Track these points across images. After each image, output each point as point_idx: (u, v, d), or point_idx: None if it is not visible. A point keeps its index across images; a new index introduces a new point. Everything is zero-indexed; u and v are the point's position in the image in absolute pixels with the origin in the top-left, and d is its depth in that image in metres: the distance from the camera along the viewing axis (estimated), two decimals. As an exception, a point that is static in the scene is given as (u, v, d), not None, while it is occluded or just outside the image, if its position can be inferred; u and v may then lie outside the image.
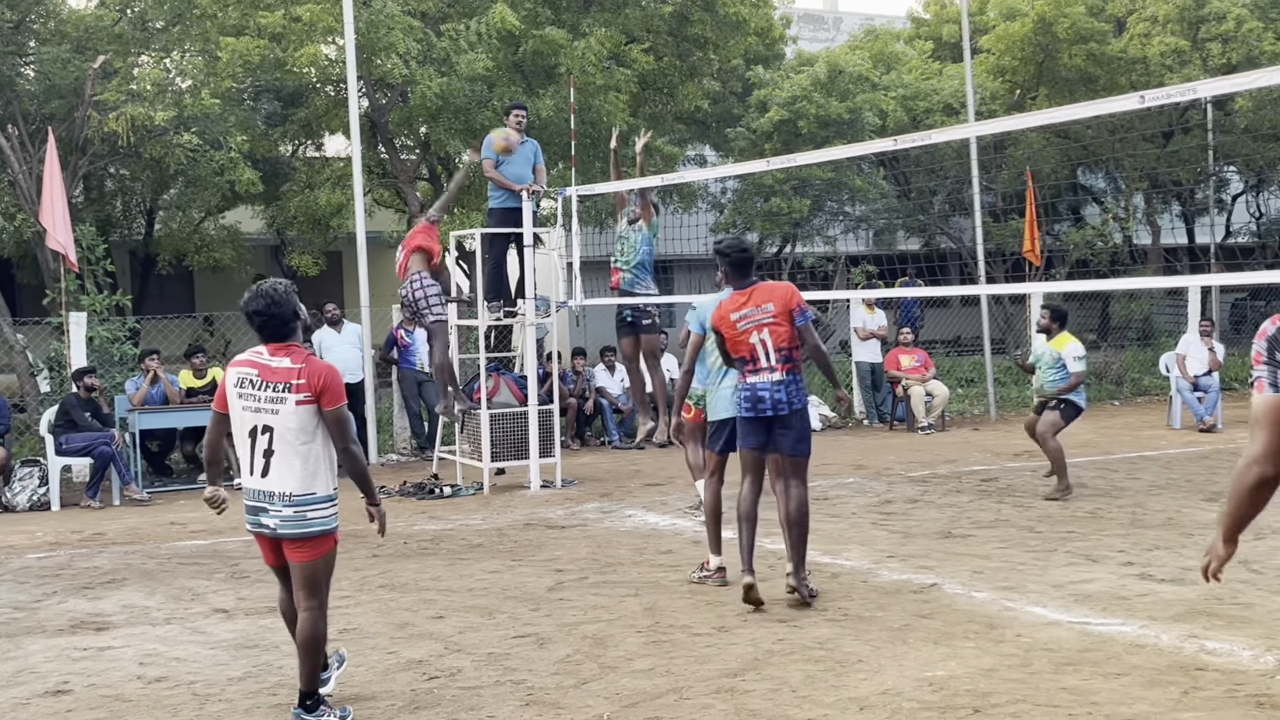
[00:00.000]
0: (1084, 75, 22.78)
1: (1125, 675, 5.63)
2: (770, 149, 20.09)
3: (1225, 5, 22.77)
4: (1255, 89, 21.98)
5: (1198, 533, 8.92)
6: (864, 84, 21.44)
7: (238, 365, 5.34)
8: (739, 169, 16.62)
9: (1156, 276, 22.53)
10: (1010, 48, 22.87)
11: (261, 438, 5.23)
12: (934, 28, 26.68)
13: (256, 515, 5.33)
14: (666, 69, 19.12)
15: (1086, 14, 22.34)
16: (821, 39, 29.53)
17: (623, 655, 6.23)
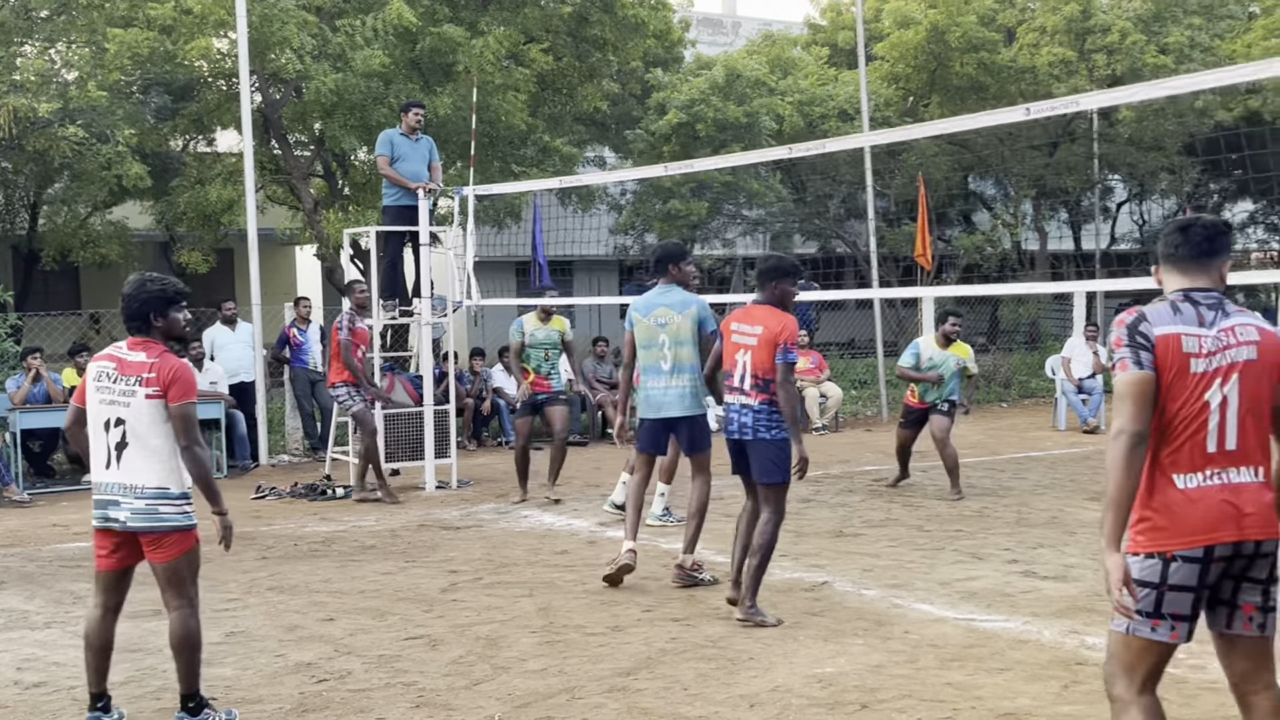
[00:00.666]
0: (975, 83, 23.27)
1: (1008, 670, 5.76)
2: (669, 151, 20.21)
3: (1110, 18, 23.44)
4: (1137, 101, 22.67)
5: (1080, 531, 9.16)
6: (761, 88, 21.65)
7: (99, 359, 5.32)
8: (637, 173, 16.70)
9: (1044, 282, 23.08)
10: (904, 55, 23.28)
11: (114, 430, 5.18)
12: (830, 34, 27.03)
13: (105, 509, 5.22)
14: (566, 69, 19.11)
15: (978, 23, 22.82)
16: (720, 43, 29.76)
17: (515, 656, 6.22)
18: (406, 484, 12.25)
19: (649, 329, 7.72)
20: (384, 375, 12.19)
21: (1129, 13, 23.78)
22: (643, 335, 7.75)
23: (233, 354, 14.54)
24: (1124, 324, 3.83)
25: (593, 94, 19.44)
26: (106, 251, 18.54)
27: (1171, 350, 3.76)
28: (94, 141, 15.09)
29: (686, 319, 7.66)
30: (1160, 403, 3.77)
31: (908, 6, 23.39)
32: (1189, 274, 3.89)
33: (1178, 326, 3.77)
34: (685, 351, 7.65)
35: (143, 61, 15.47)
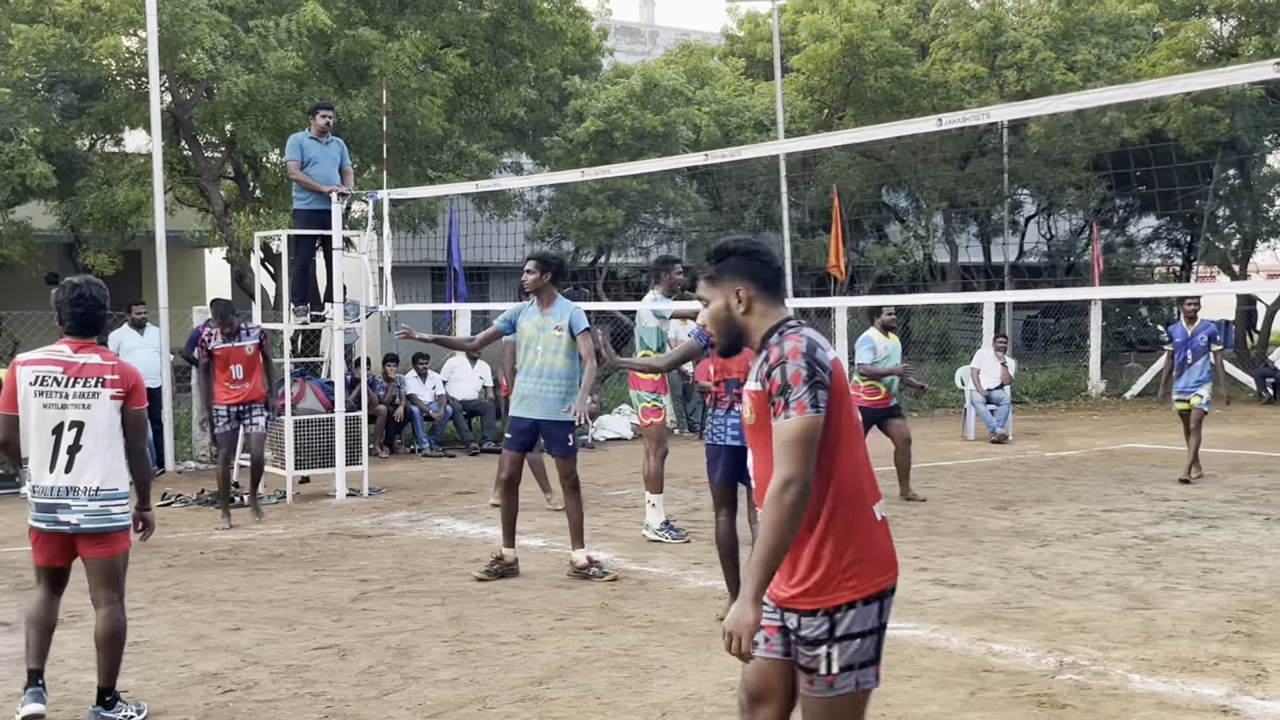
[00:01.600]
0: (889, 97, 23.58)
1: (917, 677, 5.83)
2: (586, 158, 20.20)
3: (1021, 35, 23.90)
4: (1047, 117, 23.13)
5: (988, 539, 9.30)
6: (678, 98, 21.74)
7: (34, 364, 5.29)
8: (555, 178, 16.68)
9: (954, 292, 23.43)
10: (819, 68, 23.52)
11: (68, 433, 5.21)
12: (747, 45, 27.25)
13: (54, 512, 5.25)
14: (483, 75, 19.03)
15: (892, 38, 23.14)
16: (638, 52, 29.85)
17: (427, 665, 6.16)
18: (317, 491, 12.09)
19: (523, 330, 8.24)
20: (294, 381, 12.01)
21: (1038, 30, 24.27)
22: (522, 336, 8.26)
23: (140, 358, 14.20)
24: (800, 353, 3.31)
25: (510, 100, 19.37)
26: (9, 252, 18.07)
27: (836, 374, 3.38)
28: (-4, 139, 14.72)
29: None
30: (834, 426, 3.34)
31: (823, 20, 23.63)
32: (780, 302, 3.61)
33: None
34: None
35: (48, 58, 15.11)
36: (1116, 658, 6.09)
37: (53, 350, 5.33)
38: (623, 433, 17.25)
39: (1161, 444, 15.58)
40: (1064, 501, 11.14)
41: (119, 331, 14.39)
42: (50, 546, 5.34)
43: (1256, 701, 5.38)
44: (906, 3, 24.92)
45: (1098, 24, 24.65)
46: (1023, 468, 13.53)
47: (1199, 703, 5.38)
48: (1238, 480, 12.31)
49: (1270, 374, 22.40)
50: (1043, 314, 31.23)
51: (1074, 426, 18.21)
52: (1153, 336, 30.88)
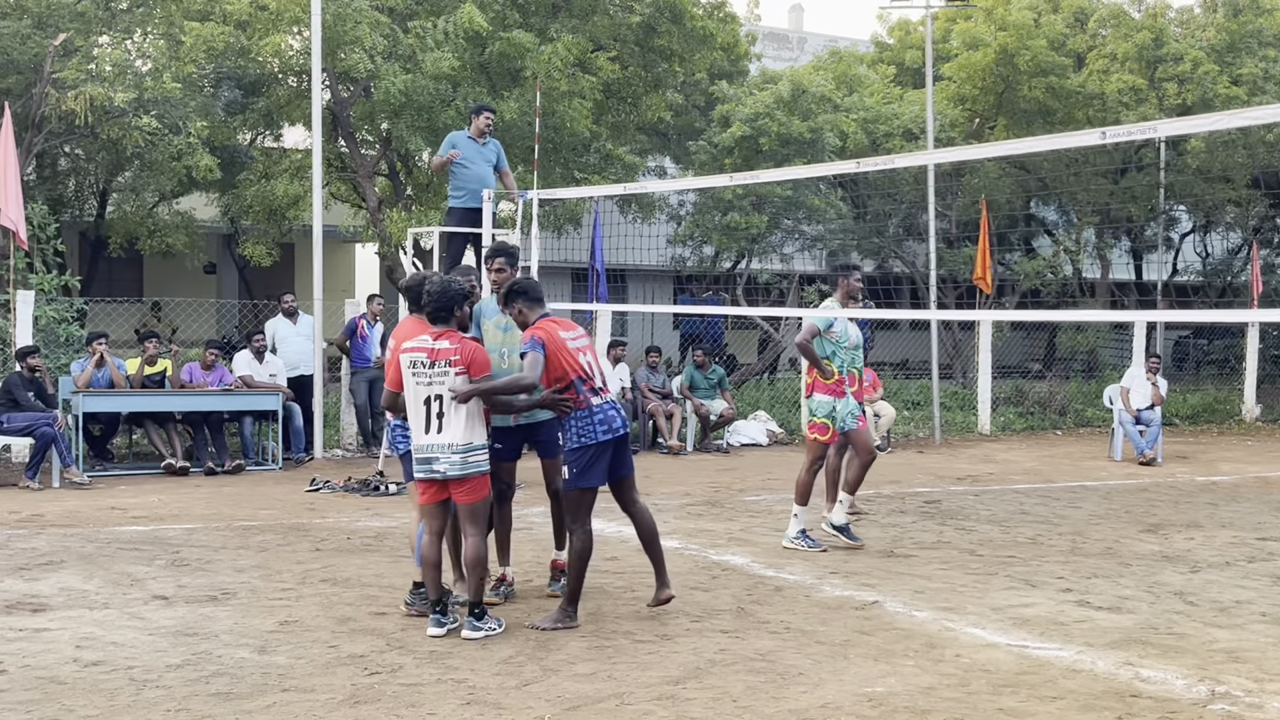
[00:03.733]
0: (1042, 108, 23.08)
1: (1061, 699, 5.71)
2: (731, 164, 20.19)
3: (1183, 47, 23.18)
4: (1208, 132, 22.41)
5: (1135, 563, 9.06)
6: (826, 104, 21.59)
7: (409, 351, 6.73)
8: (701, 182, 16.72)
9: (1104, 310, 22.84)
10: (971, 77, 23.14)
11: (435, 404, 6.63)
12: (897, 53, 26.93)
13: (429, 464, 6.66)
14: (631, 78, 19.19)
15: (1048, 48, 22.64)
16: (785, 58, 29.73)
17: (565, 659, 6.24)
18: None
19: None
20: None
21: (1202, 42, 23.51)
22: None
23: (293, 347, 14.69)
24: None
25: (657, 104, 19.49)
26: (172, 241, 18.83)
27: None
28: (166, 132, 15.34)
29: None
30: None
31: (977, 28, 23.25)
32: None
33: None
34: None
35: (217, 55, 15.71)
36: (1272, 690, 5.88)
37: (421, 339, 6.73)
38: (758, 439, 17.21)
39: (1321, 473, 14.99)
40: (1215, 528, 10.79)
41: (274, 321, 14.88)
42: (429, 490, 6.72)
43: None
44: (1064, 12, 24.37)
45: (1265, 36, 23.80)
46: (1172, 491, 13.14)
47: (1361, 742, 5.18)
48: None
49: None
50: (1195, 334, 30.28)
51: (1226, 451, 17.61)
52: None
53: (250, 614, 7.03)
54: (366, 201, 17.80)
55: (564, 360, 6.85)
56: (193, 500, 11.38)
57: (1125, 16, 24.07)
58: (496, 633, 6.66)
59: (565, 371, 6.85)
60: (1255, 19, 23.88)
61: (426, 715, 5.37)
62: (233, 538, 9.46)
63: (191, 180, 17.28)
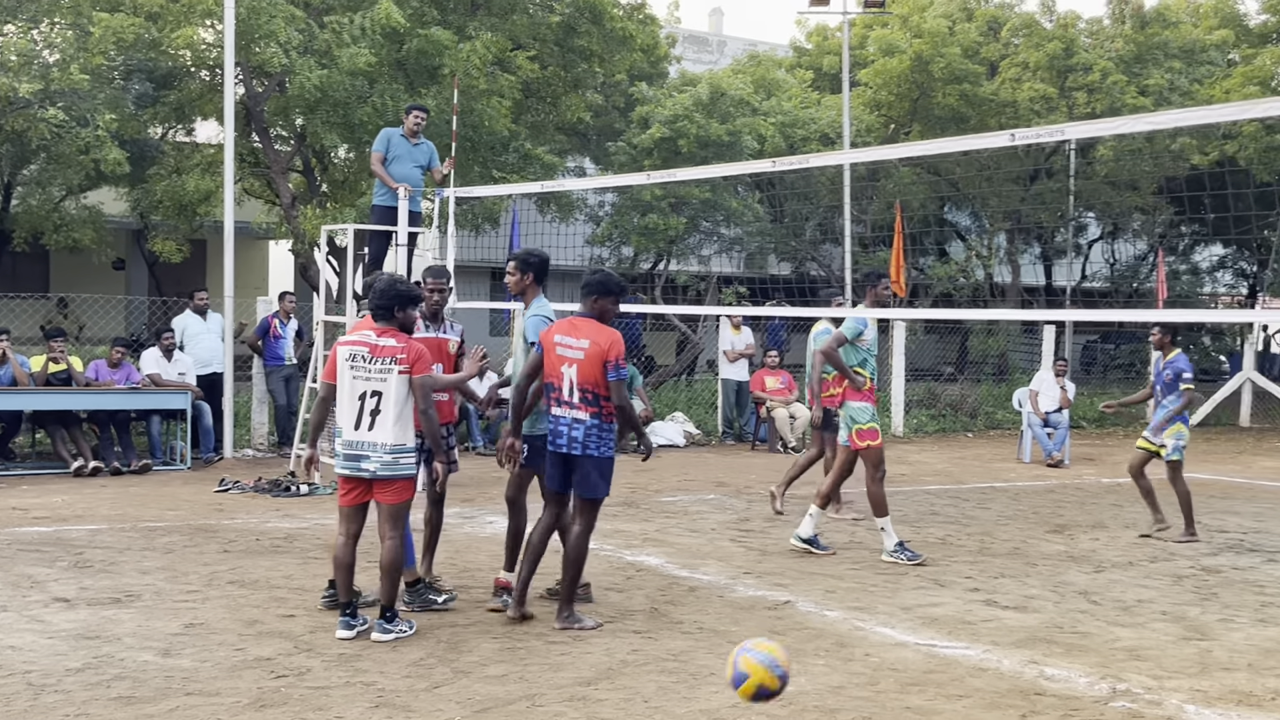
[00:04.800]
0: (956, 114, 23.44)
1: (967, 697, 5.79)
2: (650, 165, 20.24)
3: (1092, 57, 23.67)
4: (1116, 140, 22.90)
5: (1041, 562, 9.21)
6: (744, 108, 21.73)
7: (348, 344, 6.66)
8: (619, 180, 16.73)
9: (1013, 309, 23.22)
10: (887, 83, 23.43)
11: (370, 400, 6.54)
12: (815, 58, 27.19)
13: (357, 461, 6.57)
14: (551, 78, 19.14)
15: (962, 56, 23.01)
16: (705, 61, 29.87)
17: (477, 660, 6.20)
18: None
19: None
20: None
21: (1111, 53, 24.03)
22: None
23: (203, 344, 14.44)
24: None
25: (577, 104, 19.47)
26: (79, 236, 18.42)
27: None
28: (73, 125, 14.98)
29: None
30: None
31: (893, 35, 23.55)
32: None
33: None
34: None
35: (127, 47, 15.39)
36: (1171, 687, 6.01)
37: (363, 332, 6.68)
38: (675, 440, 17.24)
39: (1221, 474, 15.37)
40: (1120, 528, 11.02)
41: (183, 317, 14.61)
42: (352, 489, 6.64)
43: (1314, 739, 5.30)
44: (978, 20, 24.78)
45: (1171, 49, 24.40)
46: (1078, 493, 13.39)
47: (1255, 737, 5.31)
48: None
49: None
50: (1103, 339, 30.92)
51: (1131, 453, 17.95)
52: (1215, 366, 30.46)
53: (154, 616, 6.89)
54: (280, 198, 17.56)
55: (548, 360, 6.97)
56: (98, 501, 11.14)
57: (1037, 26, 24.54)
58: (407, 635, 6.59)
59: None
60: (1162, 31, 24.47)
61: (334, 718, 5.30)
62: (138, 539, 9.28)
63: (100, 174, 16.90)
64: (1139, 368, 25.89)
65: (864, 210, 23.96)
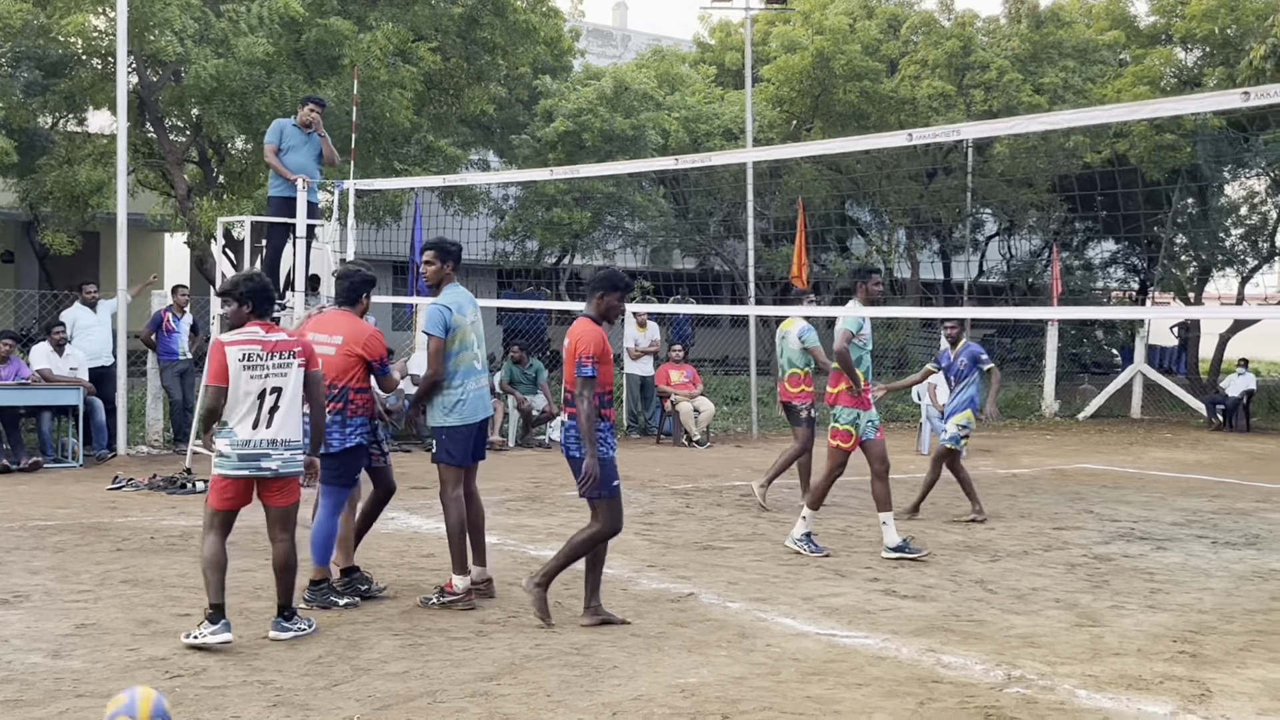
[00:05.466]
0: (857, 111, 23.71)
1: (867, 686, 5.86)
2: (554, 159, 20.20)
3: (989, 55, 24.10)
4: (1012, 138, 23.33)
5: (939, 552, 9.36)
6: (648, 102, 21.77)
7: (238, 344, 6.39)
8: (521, 175, 16.68)
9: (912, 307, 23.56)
10: (789, 79, 23.62)
11: (270, 397, 6.39)
12: (718, 54, 27.32)
13: (257, 460, 6.37)
14: (453, 70, 18.99)
15: (862, 53, 23.27)
16: (609, 55, 29.86)
17: (377, 658, 6.13)
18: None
19: (467, 330, 7.29)
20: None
21: (1007, 51, 24.48)
22: (463, 338, 7.26)
23: (94, 336, 14.09)
24: None
25: (480, 97, 19.35)
26: (-35, 228, 17.86)
27: None
28: (-43, 113, 14.53)
29: (479, 315, 7.47)
30: None
31: (795, 32, 23.75)
32: None
33: None
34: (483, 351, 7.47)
35: (14, 33, 14.96)
36: (1064, 673, 6.15)
37: (249, 331, 6.44)
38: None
39: (1113, 465, 15.76)
40: (1015, 518, 11.24)
41: (72, 310, 14.26)
42: (240, 491, 6.43)
43: (1199, 720, 5.46)
44: (878, 18, 25.10)
45: (1065, 48, 24.91)
46: (978, 484, 13.61)
47: (1144, 719, 5.45)
48: (1186, 504, 12.47)
49: (1220, 400, 22.68)
50: (1000, 333, 31.49)
51: (1027, 445, 18.38)
52: (1107, 359, 31.23)
53: (44, 617, 6.71)
54: (175, 189, 17.20)
55: None
56: (-16, 499, 10.82)
57: (936, 24, 24.92)
58: (306, 633, 6.50)
59: None
60: (1056, 31, 24.98)
61: (230, 718, 5.21)
62: (27, 538, 9.03)
63: (-14, 164, 16.40)
64: (1034, 361, 26.45)
65: (767, 206, 24.14)
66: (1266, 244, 27.43)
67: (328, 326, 7.32)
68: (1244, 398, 22.47)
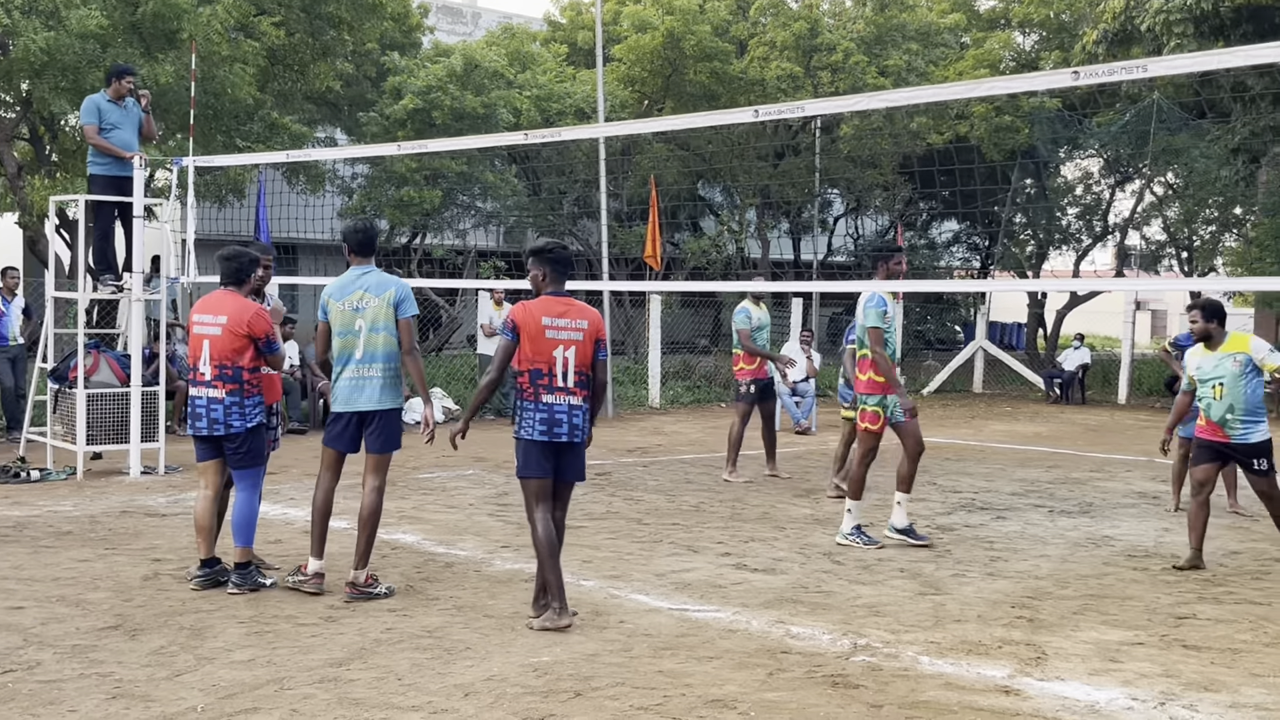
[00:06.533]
0: (708, 91, 23.89)
1: (718, 658, 5.93)
2: (404, 136, 19.90)
3: (836, 38, 24.50)
4: (858, 119, 23.75)
5: (789, 526, 9.53)
6: (499, 80, 21.60)
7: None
8: (366, 150, 16.40)
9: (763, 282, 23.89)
10: (641, 59, 23.68)
11: None
12: (569, 33, 27.25)
13: None
14: (298, 45, 18.55)
15: (712, 34, 23.44)
16: (459, 32, 29.54)
17: (221, 646, 5.99)
18: (109, 468, 11.63)
19: (344, 314, 7.14)
20: (89, 353, 11.51)
21: (853, 34, 24.92)
22: (338, 321, 7.14)
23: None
24: None
25: (325, 73, 18.94)
26: None
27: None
28: None
29: (384, 302, 7.10)
30: None
31: (645, 11, 23.80)
32: None
33: None
34: (386, 338, 7.09)
35: None
36: (907, 640, 6.31)
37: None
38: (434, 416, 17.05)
39: (956, 438, 16.23)
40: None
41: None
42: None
43: (1035, 682, 5.65)
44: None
45: (909, 31, 25.47)
46: (825, 458, 13.90)
47: (983, 683, 5.62)
48: (1025, 474, 12.91)
49: (1058, 375, 23.53)
50: (848, 311, 32.16)
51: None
52: (950, 336, 32.12)
53: None
54: (5, 167, 16.48)
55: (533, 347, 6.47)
56: None
57: (784, 6, 25.22)
58: None
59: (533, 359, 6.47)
60: (900, 14, 25.52)
61: (67, 712, 5.03)
62: None
63: None
64: (881, 338, 27.00)
65: (620, 186, 24.19)
66: (1100, 223, 28.52)
67: (213, 307, 7.21)
68: (1079, 372, 23.36)
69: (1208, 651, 6.21)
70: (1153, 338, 52.87)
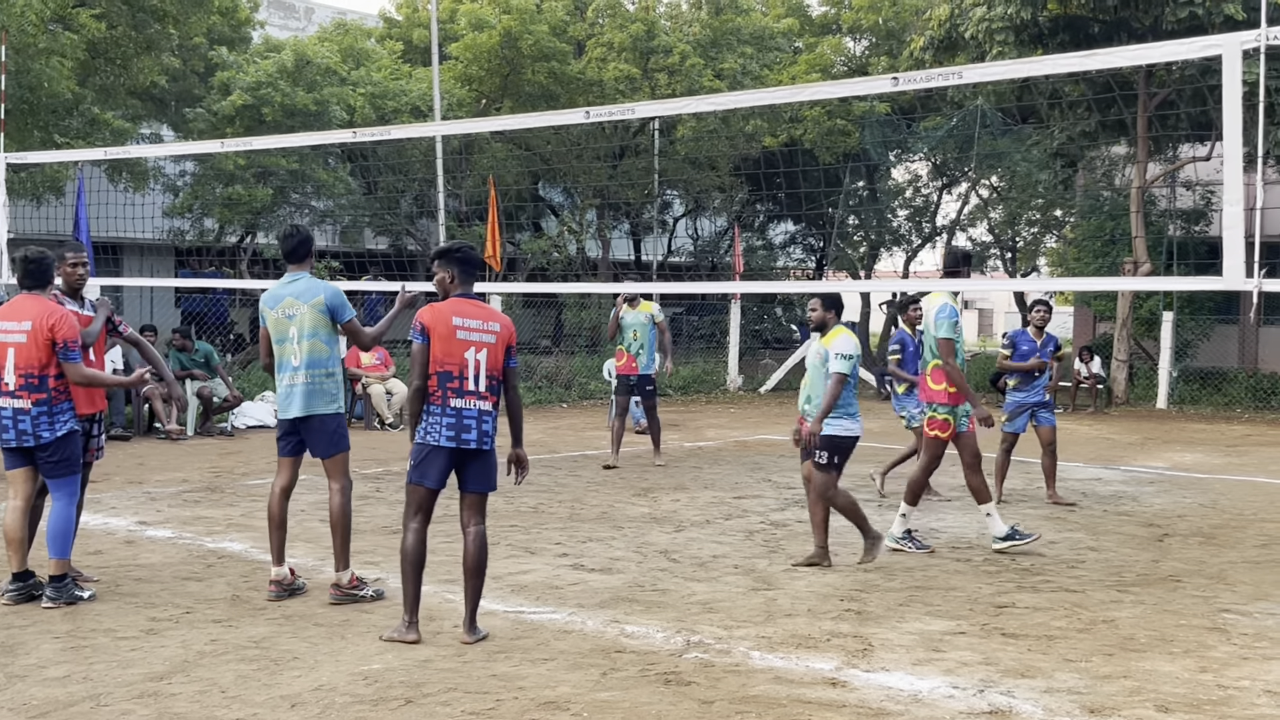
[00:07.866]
0: (546, 92, 23.86)
1: (552, 660, 5.92)
2: (233, 133, 19.40)
3: (672, 40, 24.73)
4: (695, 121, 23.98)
5: (627, 525, 9.57)
6: (332, 77, 21.22)
7: None
8: (193, 147, 15.96)
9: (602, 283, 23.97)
10: (478, 58, 23.53)
11: None
12: (405, 30, 26.94)
13: None
14: (120, 38, 17.92)
15: (550, 34, 23.43)
16: (291, 27, 28.92)
17: (34, 663, 5.74)
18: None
19: (278, 321, 7.09)
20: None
21: (689, 37, 25.19)
22: (274, 329, 7.11)
23: None
24: None
25: (150, 67, 18.35)
26: None
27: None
28: None
29: (312, 309, 7.04)
30: None
31: (482, 10, 23.67)
32: None
33: None
34: (313, 344, 7.04)
35: None
36: (739, 636, 6.39)
37: None
38: (266, 420, 16.66)
39: (789, 435, 16.49)
40: (699, 489, 11.62)
41: None
42: None
43: (862, 674, 5.78)
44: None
45: (744, 35, 25.85)
46: (663, 457, 13.99)
47: (811, 676, 5.73)
48: (855, 469, 13.18)
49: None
50: (687, 311, 32.50)
51: (713, 419, 19.03)
52: (786, 335, 32.69)
53: None
54: None
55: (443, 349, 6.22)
56: None
57: (621, 7, 25.36)
58: None
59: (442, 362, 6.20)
60: (735, 18, 25.89)
61: None
62: None
63: None
64: (719, 338, 27.39)
65: (459, 185, 23.99)
66: (929, 224, 29.36)
67: (15, 313, 6.91)
68: (909, 369, 24.01)
69: (1025, 639, 6.43)
70: (979, 336, 54.75)
